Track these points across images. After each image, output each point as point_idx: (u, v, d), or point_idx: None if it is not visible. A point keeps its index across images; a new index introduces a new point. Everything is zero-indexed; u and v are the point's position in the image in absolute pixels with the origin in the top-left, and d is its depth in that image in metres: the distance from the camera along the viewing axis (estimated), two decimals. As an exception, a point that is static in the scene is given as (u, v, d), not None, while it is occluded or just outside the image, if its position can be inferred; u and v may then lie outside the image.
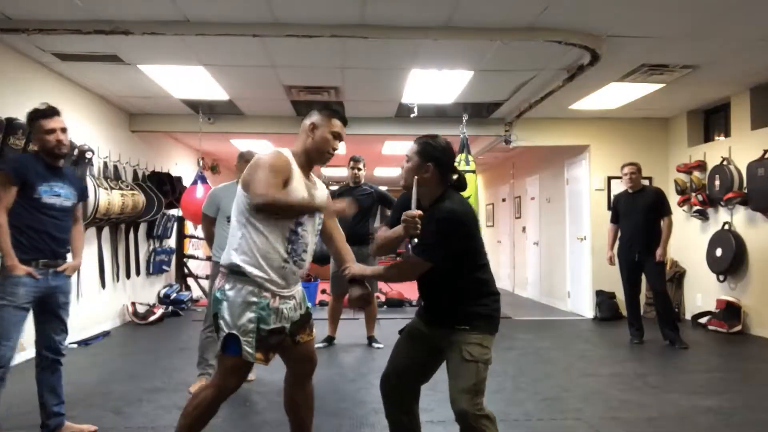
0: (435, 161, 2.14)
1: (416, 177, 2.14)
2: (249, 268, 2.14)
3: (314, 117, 2.32)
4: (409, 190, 2.19)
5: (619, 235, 5.55)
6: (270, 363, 2.23)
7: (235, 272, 2.16)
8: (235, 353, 2.12)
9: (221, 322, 2.16)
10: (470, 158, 6.47)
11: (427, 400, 2.27)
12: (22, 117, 4.45)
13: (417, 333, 2.27)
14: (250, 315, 2.13)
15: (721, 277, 6.16)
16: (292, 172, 2.18)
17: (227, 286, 2.17)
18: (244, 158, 3.61)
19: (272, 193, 2.09)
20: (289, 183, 2.16)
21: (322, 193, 2.37)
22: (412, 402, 2.30)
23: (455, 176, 2.24)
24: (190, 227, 8.45)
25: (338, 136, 2.33)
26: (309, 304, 2.41)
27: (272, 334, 2.17)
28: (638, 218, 5.30)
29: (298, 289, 2.33)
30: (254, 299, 2.14)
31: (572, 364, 4.70)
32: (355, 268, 2.37)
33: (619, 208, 5.53)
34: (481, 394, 2.09)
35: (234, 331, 2.13)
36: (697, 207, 6.46)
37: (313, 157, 2.30)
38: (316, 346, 5.12)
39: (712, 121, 6.85)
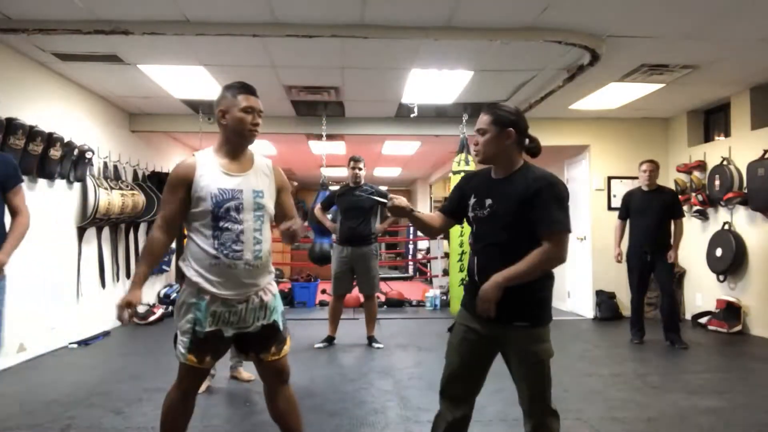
0: (514, 126, 2.04)
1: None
2: (186, 271, 2.17)
3: (220, 103, 2.21)
4: (487, 164, 2.13)
5: (627, 232, 5.44)
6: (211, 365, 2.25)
7: (183, 275, 2.19)
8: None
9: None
10: (470, 158, 6.47)
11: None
12: (22, 117, 4.48)
13: (470, 333, 2.10)
14: (188, 316, 2.15)
15: (721, 277, 6.16)
16: (194, 174, 2.15)
17: (182, 288, 2.23)
18: None
19: (150, 241, 2.17)
20: (193, 185, 2.14)
21: (253, 181, 2.21)
22: (474, 396, 2.17)
23: (528, 140, 2.11)
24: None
25: (251, 110, 2.17)
26: (278, 318, 2.27)
27: (207, 337, 2.13)
28: (653, 218, 5.20)
29: (259, 295, 2.20)
30: (193, 300, 2.15)
31: (572, 364, 4.69)
32: (489, 290, 1.98)
33: (631, 205, 5.39)
34: (549, 392, 2.07)
35: (177, 331, 2.19)
36: (697, 207, 6.46)
37: (236, 142, 2.21)
38: (316, 346, 5.20)
39: (712, 121, 6.86)
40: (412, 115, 6.48)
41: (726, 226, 6.12)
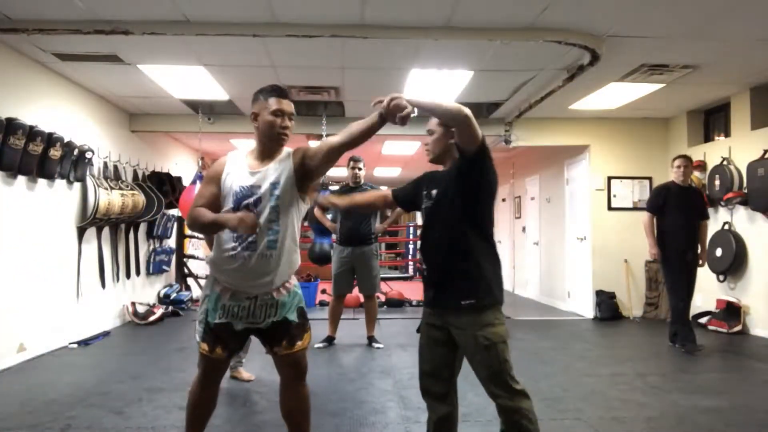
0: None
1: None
2: (210, 262, 2.30)
3: (253, 106, 2.27)
4: (437, 162, 2.32)
5: (656, 229, 5.12)
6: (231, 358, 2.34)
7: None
8: None
9: None
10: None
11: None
12: (22, 117, 4.48)
13: (432, 330, 2.26)
14: (203, 306, 2.27)
15: (721, 277, 6.16)
16: (223, 170, 2.24)
17: None
18: None
19: (193, 211, 2.19)
20: (221, 181, 2.24)
21: (272, 174, 2.20)
22: (452, 393, 2.28)
23: None
24: (190, 227, 8.44)
25: (281, 113, 2.21)
26: (291, 316, 2.28)
27: (216, 328, 2.22)
28: (690, 216, 4.99)
29: (270, 293, 2.23)
30: (208, 291, 2.27)
31: (572, 364, 4.70)
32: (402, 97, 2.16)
33: (669, 200, 5.05)
34: (508, 373, 2.11)
35: (197, 319, 2.30)
36: (697, 207, 6.45)
37: (267, 143, 2.25)
38: (316, 346, 5.19)
39: (712, 121, 6.86)
40: (412, 115, 6.47)
41: (726, 226, 6.12)
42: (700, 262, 5.12)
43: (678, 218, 5.00)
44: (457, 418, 2.27)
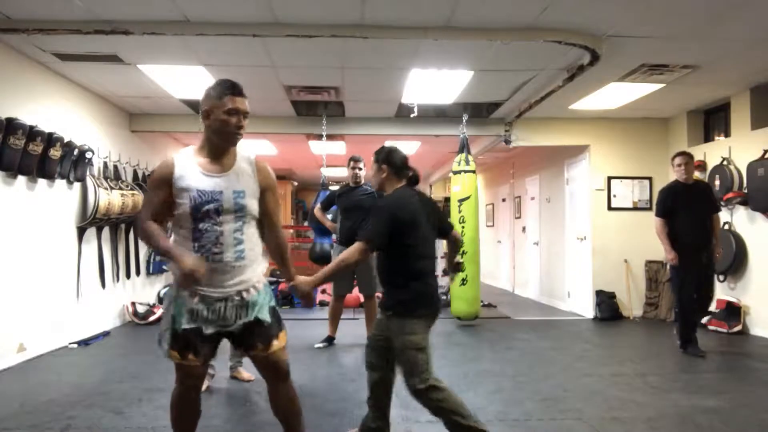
0: (386, 163, 2.76)
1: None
2: (171, 268, 2.16)
3: (205, 102, 2.14)
4: (382, 191, 2.80)
5: (666, 230, 4.94)
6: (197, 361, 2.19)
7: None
8: None
9: None
10: (470, 158, 6.47)
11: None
12: (22, 117, 4.48)
13: (384, 320, 2.74)
14: (170, 312, 2.16)
15: (721, 277, 6.16)
16: (173, 173, 2.11)
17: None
18: None
19: (145, 227, 2.10)
20: (172, 184, 2.10)
21: (234, 181, 2.14)
22: (387, 364, 2.74)
23: (410, 173, 2.81)
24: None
25: (235, 112, 2.10)
26: (262, 315, 2.19)
27: (186, 333, 2.12)
28: (700, 213, 4.87)
29: (240, 294, 2.15)
30: (174, 296, 2.16)
31: (572, 364, 4.69)
32: (302, 284, 2.47)
33: (677, 201, 4.91)
34: (420, 373, 2.52)
35: (162, 327, 2.19)
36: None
37: (218, 142, 2.15)
38: (316, 346, 5.19)
39: (712, 121, 6.86)
40: (412, 115, 6.48)
41: (726, 226, 6.12)
42: (720, 253, 5.01)
43: (687, 218, 4.87)
44: (391, 384, 2.78)
